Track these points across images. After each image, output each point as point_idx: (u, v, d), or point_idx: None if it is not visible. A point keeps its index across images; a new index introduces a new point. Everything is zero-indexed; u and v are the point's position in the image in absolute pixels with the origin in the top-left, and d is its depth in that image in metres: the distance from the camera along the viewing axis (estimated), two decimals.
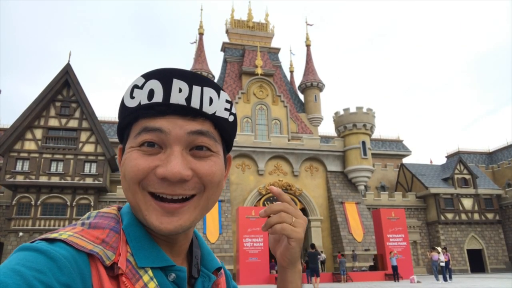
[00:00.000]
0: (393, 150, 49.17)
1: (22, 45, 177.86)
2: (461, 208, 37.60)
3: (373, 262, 27.10)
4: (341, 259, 23.28)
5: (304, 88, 43.55)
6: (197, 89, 0.65)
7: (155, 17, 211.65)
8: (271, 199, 31.26)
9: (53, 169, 30.24)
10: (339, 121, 35.32)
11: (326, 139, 44.99)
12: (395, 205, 35.43)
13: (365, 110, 34.74)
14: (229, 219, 29.75)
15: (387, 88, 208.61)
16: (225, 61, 41.97)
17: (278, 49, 43.99)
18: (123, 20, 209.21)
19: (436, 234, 36.71)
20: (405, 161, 47.58)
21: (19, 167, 29.61)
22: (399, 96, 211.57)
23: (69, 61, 32.03)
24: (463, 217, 37.39)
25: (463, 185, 38.18)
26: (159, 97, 0.64)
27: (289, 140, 34.89)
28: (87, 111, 31.14)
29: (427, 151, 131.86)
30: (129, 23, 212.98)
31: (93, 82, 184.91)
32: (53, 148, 30.63)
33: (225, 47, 42.82)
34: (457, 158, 40.13)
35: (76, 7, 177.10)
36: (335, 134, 39.41)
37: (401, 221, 26.41)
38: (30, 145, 30.33)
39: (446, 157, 51.04)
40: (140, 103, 0.65)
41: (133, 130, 0.66)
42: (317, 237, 31.36)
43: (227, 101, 0.70)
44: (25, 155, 30.01)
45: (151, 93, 0.64)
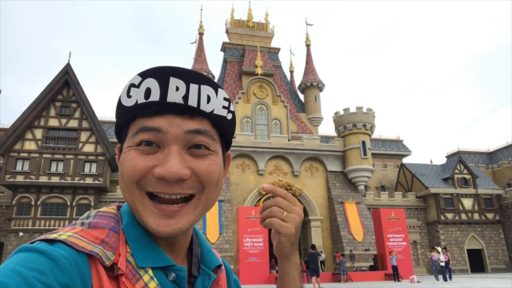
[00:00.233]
0: (393, 150, 49.18)
1: (22, 45, 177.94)
2: (461, 208, 37.60)
3: (373, 262, 27.11)
4: (341, 259, 23.28)
5: (304, 88, 43.55)
6: (194, 87, 0.64)
7: (155, 17, 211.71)
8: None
9: (53, 169, 30.25)
10: (339, 121, 35.31)
11: (326, 139, 44.98)
12: (395, 205, 35.43)
13: (365, 110, 34.74)
14: (229, 219, 29.75)
15: (387, 88, 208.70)
16: (225, 61, 41.97)
17: (278, 49, 44.00)
18: (123, 20, 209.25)
19: (436, 234, 36.72)
20: (405, 161, 47.58)
21: (19, 167, 29.62)
22: (399, 96, 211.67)
23: (69, 61, 32.04)
24: (463, 217, 37.39)
25: (463, 185, 38.18)
26: (156, 96, 0.63)
27: (289, 140, 34.88)
28: (87, 111, 31.15)
29: (427, 151, 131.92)
30: (129, 23, 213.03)
31: (93, 82, 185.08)
32: (53, 148, 30.64)
33: (225, 47, 42.82)
34: (457, 158, 40.13)
35: (76, 7, 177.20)
36: (335, 134, 39.40)
37: (401, 221, 26.41)
38: (30, 145, 30.34)
39: (446, 157, 51.05)
40: (137, 102, 0.64)
41: (131, 129, 0.66)
42: (317, 237, 31.36)
43: (225, 99, 0.69)
44: (25, 155, 30.01)
45: (148, 92, 0.63)
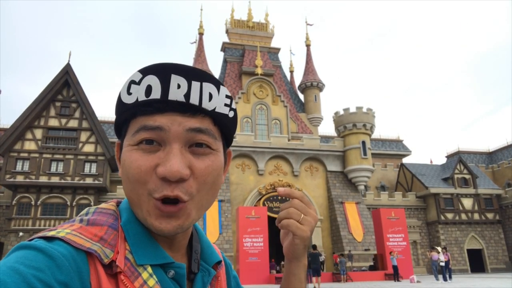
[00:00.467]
0: (393, 150, 49.17)
1: (22, 45, 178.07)
2: (461, 208, 37.60)
3: (373, 262, 27.10)
4: (341, 259, 23.29)
5: (304, 88, 43.55)
6: (196, 85, 0.63)
7: (155, 17, 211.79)
8: (271, 198, 31.27)
9: (53, 169, 30.25)
10: (339, 121, 35.31)
11: (326, 139, 44.97)
12: (395, 205, 35.43)
13: (365, 110, 34.73)
14: (229, 219, 29.75)
15: (387, 88, 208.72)
16: (225, 61, 41.97)
17: (278, 49, 43.99)
18: (123, 20, 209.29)
19: (436, 234, 36.71)
20: (405, 161, 47.58)
21: (19, 167, 29.62)
22: (399, 96, 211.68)
23: (69, 61, 32.04)
24: (463, 217, 37.39)
25: (463, 185, 38.18)
26: (157, 94, 0.62)
27: (289, 140, 34.88)
28: (87, 111, 31.14)
29: (427, 151, 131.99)
30: (129, 23, 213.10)
31: (93, 82, 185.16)
32: (53, 148, 30.64)
33: (225, 47, 42.82)
34: (457, 158, 40.13)
35: (76, 7, 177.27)
36: (335, 134, 39.39)
37: (401, 221, 26.40)
38: (30, 145, 30.34)
39: (446, 157, 51.04)
40: (137, 99, 0.63)
41: (131, 127, 0.65)
42: (317, 237, 31.36)
43: (227, 97, 0.69)
44: (25, 155, 30.01)
45: (149, 89, 0.62)
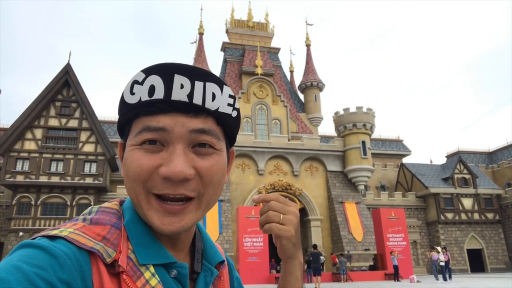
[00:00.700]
0: (393, 150, 49.18)
1: (22, 45, 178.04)
2: (461, 208, 37.60)
3: (372, 262, 27.11)
4: (341, 259, 23.32)
5: (304, 88, 43.55)
6: (199, 85, 0.63)
7: (155, 17, 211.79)
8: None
9: (53, 169, 30.24)
10: (339, 121, 35.30)
11: (326, 139, 44.98)
12: (395, 205, 35.43)
13: (365, 110, 34.72)
14: (229, 219, 29.75)
15: (387, 88, 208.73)
16: (225, 61, 41.97)
17: (278, 49, 43.98)
18: (123, 20, 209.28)
19: (436, 233, 36.71)
20: (405, 161, 47.58)
21: (19, 167, 29.61)
22: (399, 96, 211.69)
23: (69, 61, 32.01)
24: (463, 217, 37.39)
25: (463, 185, 38.18)
26: (160, 94, 0.62)
27: (289, 140, 34.87)
28: (87, 111, 31.13)
29: (427, 151, 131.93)
30: (129, 23, 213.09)
31: (93, 82, 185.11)
32: (53, 148, 30.63)
33: (225, 47, 42.81)
34: (457, 158, 40.14)
35: (76, 7, 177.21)
36: (335, 134, 39.39)
37: (401, 221, 26.41)
38: (30, 145, 30.33)
39: (446, 157, 51.05)
40: (140, 99, 0.63)
41: (134, 127, 0.65)
42: (317, 237, 31.36)
43: (230, 96, 0.69)
44: (25, 155, 30.00)
45: (152, 89, 0.62)
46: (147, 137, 0.62)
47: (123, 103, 0.66)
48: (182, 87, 0.62)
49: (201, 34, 44.11)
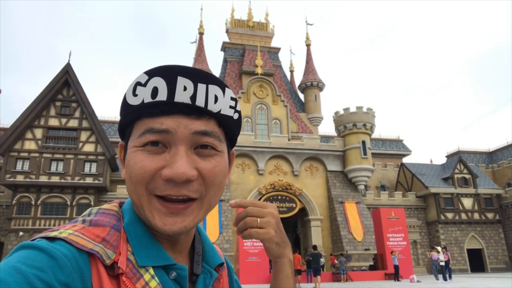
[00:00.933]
0: (393, 149, 49.17)
1: (22, 45, 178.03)
2: (461, 207, 37.59)
3: (373, 261, 27.11)
4: (341, 259, 23.35)
5: (304, 87, 43.54)
6: (202, 87, 0.63)
7: (155, 17, 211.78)
8: (271, 198, 31.28)
9: (53, 169, 30.24)
10: (339, 120, 35.29)
11: (326, 138, 44.97)
12: (395, 205, 35.42)
13: (365, 109, 34.71)
14: (229, 219, 29.75)
15: (387, 88, 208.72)
16: (225, 61, 41.96)
17: (278, 49, 43.97)
18: (123, 20, 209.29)
19: (436, 233, 36.71)
20: (405, 160, 47.56)
21: (19, 167, 29.61)
22: (399, 96, 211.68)
23: (69, 60, 32.00)
24: (463, 216, 37.39)
25: (463, 185, 38.18)
26: (163, 96, 0.62)
27: (289, 139, 34.87)
28: (87, 111, 31.13)
29: (427, 150, 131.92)
30: (129, 23, 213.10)
31: (93, 82, 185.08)
32: (53, 147, 30.63)
33: (225, 47, 42.81)
34: (457, 157, 40.14)
35: (76, 7, 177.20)
36: (335, 133, 39.38)
37: (401, 221, 26.40)
38: (30, 145, 30.33)
39: (446, 156, 51.05)
40: (143, 101, 0.63)
41: (136, 128, 0.65)
42: (317, 237, 31.36)
43: (232, 99, 0.69)
44: (25, 154, 30.00)
45: (155, 91, 0.62)
46: (150, 138, 0.62)
47: (125, 105, 0.66)
48: (185, 89, 0.62)
49: (201, 34, 44.10)
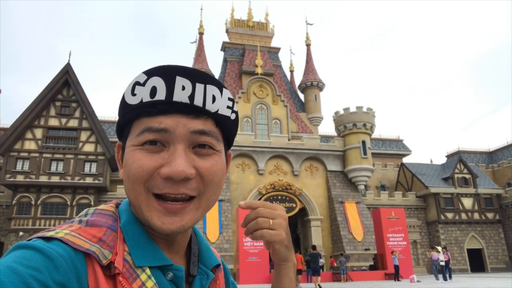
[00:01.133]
0: (393, 149, 49.16)
1: (22, 45, 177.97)
2: (461, 207, 37.60)
3: (372, 261, 27.11)
4: (341, 259, 23.36)
5: (304, 87, 43.54)
6: (200, 87, 0.64)
7: (155, 17, 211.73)
8: (271, 198, 31.28)
9: (53, 169, 30.25)
10: (339, 120, 35.30)
11: (326, 138, 44.97)
12: (395, 205, 35.42)
13: (365, 109, 34.72)
14: (229, 219, 29.75)
15: (387, 88, 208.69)
16: (225, 61, 41.97)
17: (278, 49, 43.98)
18: (123, 20, 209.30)
19: (436, 233, 36.72)
20: (405, 160, 47.56)
21: (19, 167, 29.62)
22: (399, 96, 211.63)
23: (69, 60, 32.02)
24: (463, 216, 37.39)
25: (463, 185, 38.18)
26: (161, 95, 0.62)
27: (289, 139, 34.88)
28: (87, 111, 31.14)
29: (427, 150, 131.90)
30: (129, 23, 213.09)
31: (93, 82, 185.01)
32: (53, 147, 30.64)
33: (225, 47, 42.81)
34: (457, 157, 40.15)
35: (76, 7, 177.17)
36: (335, 133, 39.39)
37: (401, 221, 26.41)
38: (30, 145, 30.34)
39: (446, 156, 51.06)
40: (142, 100, 0.63)
41: (135, 127, 0.65)
42: (317, 237, 31.37)
43: (229, 99, 0.70)
44: (25, 154, 30.02)
45: (154, 91, 0.63)
46: (148, 138, 0.62)
47: (124, 104, 0.66)
48: (183, 88, 0.63)
49: (201, 34, 44.10)
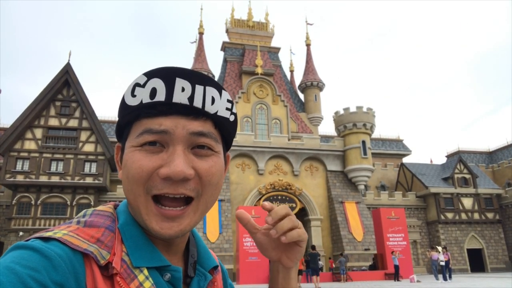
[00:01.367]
0: (393, 149, 49.15)
1: (22, 45, 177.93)
2: (461, 207, 37.60)
3: (372, 261, 27.11)
4: (341, 259, 23.37)
5: (304, 87, 43.54)
6: (199, 89, 0.65)
7: (155, 17, 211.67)
8: (271, 198, 31.27)
9: (53, 169, 30.25)
10: (339, 120, 35.30)
11: (326, 138, 44.97)
12: (395, 205, 35.43)
13: (365, 109, 34.71)
14: (229, 219, 29.75)
15: (387, 88, 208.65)
16: (225, 61, 41.97)
17: (278, 49, 43.97)
18: (123, 20, 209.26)
19: (436, 233, 36.72)
20: (405, 160, 47.56)
21: (19, 167, 29.62)
22: (399, 96, 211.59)
23: (69, 60, 32.02)
24: (463, 216, 37.39)
25: (463, 185, 38.17)
26: (161, 96, 0.63)
27: (289, 139, 34.88)
28: (87, 111, 31.14)
29: (427, 150, 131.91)
30: (129, 23, 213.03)
31: (93, 82, 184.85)
32: (53, 147, 30.64)
33: (225, 47, 42.81)
34: (457, 157, 40.14)
35: (76, 7, 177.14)
36: (335, 133, 39.38)
37: (401, 221, 26.41)
38: (30, 145, 30.34)
39: (446, 156, 51.06)
40: (141, 101, 0.64)
41: (134, 129, 0.66)
42: (317, 237, 31.37)
43: (228, 101, 0.70)
44: (25, 154, 30.02)
45: (154, 92, 0.63)
46: (148, 139, 0.63)
47: (123, 105, 0.67)
48: (183, 90, 0.63)
49: (201, 33, 44.11)
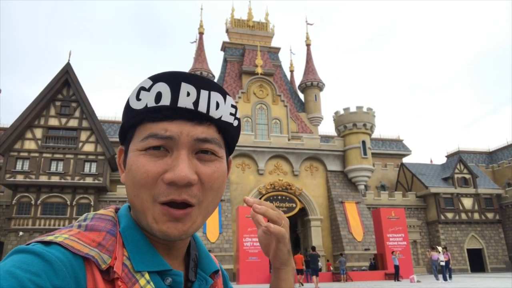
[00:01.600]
0: (393, 149, 49.16)
1: (22, 45, 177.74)
2: (461, 207, 37.60)
3: (372, 261, 27.11)
4: (341, 259, 23.38)
5: (304, 87, 43.55)
6: (204, 94, 0.65)
7: (155, 17, 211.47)
8: (271, 198, 31.28)
9: (53, 169, 30.25)
10: (339, 120, 35.30)
11: (326, 138, 44.98)
12: (395, 205, 35.42)
13: (365, 109, 34.71)
14: (229, 219, 29.75)
15: (387, 88, 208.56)
16: (225, 61, 41.96)
17: (278, 49, 43.97)
18: (123, 20, 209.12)
19: (436, 233, 36.72)
20: (405, 160, 47.56)
21: (19, 167, 29.62)
22: (399, 95, 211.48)
23: (69, 60, 32.02)
24: (463, 216, 37.39)
25: (463, 185, 38.18)
26: (166, 100, 0.63)
27: (289, 139, 34.87)
28: (87, 111, 31.14)
29: (427, 150, 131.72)
30: (129, 23, 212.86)
31: (93, 82, 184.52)
32: (53, 147, 30.64)
33: (225, 47, 42.80)
34: (457, 157, 40.14)
35: (76, 7, 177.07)
36: (335, 133, 39.37)
37: (401, 221, 26.41)
38: (30, 145, 30.34)
39: (446, 156, 51.06)
40: (146, 105, 0.64)
41: (138, 132, 0.66)
42: (317, 237, 31.37)
43: (232, 106, 0.70)
44: (25, 154, 30.01)
45: (159, 96, 0.64)
46: (153, 144, 0.63)
47: (128, 109, 0.67)
48: (188, 94, 0.64)
49: (201, 33, 44.11)
